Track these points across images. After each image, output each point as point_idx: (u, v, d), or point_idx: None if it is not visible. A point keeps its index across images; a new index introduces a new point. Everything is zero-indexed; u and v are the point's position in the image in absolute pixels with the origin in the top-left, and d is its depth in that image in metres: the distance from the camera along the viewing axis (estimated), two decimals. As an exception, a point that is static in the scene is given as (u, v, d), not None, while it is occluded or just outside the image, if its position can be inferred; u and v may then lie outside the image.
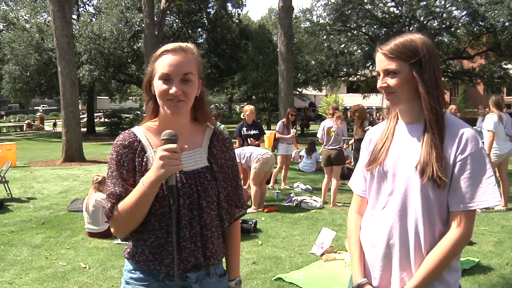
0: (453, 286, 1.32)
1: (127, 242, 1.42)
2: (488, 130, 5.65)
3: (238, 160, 6.24)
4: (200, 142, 1.41)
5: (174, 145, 1.22)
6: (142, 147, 1.35)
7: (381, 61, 1.35)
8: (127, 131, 1.40)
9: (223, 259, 1.49)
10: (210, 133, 1.45)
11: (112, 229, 1.38)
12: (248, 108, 7.00)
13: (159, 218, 1.32)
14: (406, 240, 1.32)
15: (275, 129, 7.95)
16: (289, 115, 7.73)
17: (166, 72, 1.30)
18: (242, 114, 7.15)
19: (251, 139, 6.71)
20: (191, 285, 1.35)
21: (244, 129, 6.81)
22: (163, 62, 1.32)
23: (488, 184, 1.26)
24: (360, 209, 1.50)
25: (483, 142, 6.82)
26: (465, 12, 23.09)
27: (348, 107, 31.19)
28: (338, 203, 6.38)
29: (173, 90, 1.29)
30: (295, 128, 7.81)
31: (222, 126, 9.89)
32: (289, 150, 7.86)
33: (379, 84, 1.36)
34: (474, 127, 8.48)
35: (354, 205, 1.53)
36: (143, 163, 1.33)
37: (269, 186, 7.51)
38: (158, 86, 1.32)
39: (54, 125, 36.09)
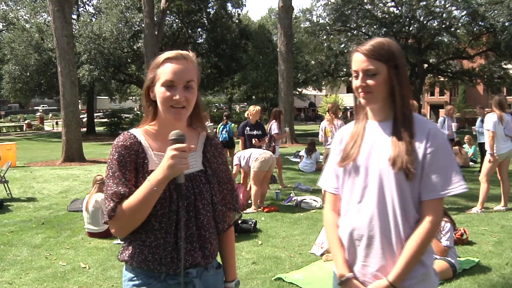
0: (430, 267, 1.44)
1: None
2: (487, 130, 5.64)
3: (237, 162, 6.26)
4: (195, 147, 1.45)
5: (183, 145, 1.28)
6: (143, 149, 1.37)
7: (361, 61, 1.40)
8: (126, 132, 1.40)
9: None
10: (203, 138, 1.51)
11: (112, 230, 1.37)
12: (254, 108, 6.99)
13: (159, 219, 1.35)
14: (386, 230, 1.40)
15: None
16: (280, 115, 7.59)
17: (170, 79, 1.35)
18: (246, 113, 7.14)
19: (255, 139, 6.70)
20: (192, 281, 1.39)
21: (248, 128, 6.80)
22: (167, 69, 1.36)
23: (455, 173, 1.38)
24: (334, 206, 1.56)
25: (483, 143, 6.65)
26: (465, 12, 23.10)
27: (348, 107, 31.19)
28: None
29: (177, 97, 1.34)
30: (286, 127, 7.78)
31: (232, 125, 9.88)
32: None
33: (357, 83, 1.42)
34: (472, 127, 8.40)
35: (328, 203, 1.59)
36: (144, 165, 1.36)
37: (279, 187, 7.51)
38: (161, 92, 1.36)
39: (56, 124, 36.26)
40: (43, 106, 53.09)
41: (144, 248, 1.35)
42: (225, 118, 9.75)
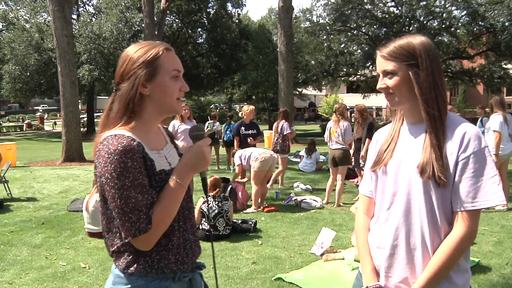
0: (459, 286, 1.31)
1: None
2: (494, 131, 5.58)
3: (239, 162, 6.26)
4: (165, 138, 1.43)
5: (209, 139, 1.32)
6: (143, 148, 1.26)
7: (380, 63, 1.37)
8: (121, 135, 1.23)
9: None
10: (163, 129, 1.46)
11: (143, 244, 1.21)
12: (248, 108, 6.99)
13: (177, 218, 1.30)
14: (411, 240, 1.32)
15: (276, 132, 7.68)
16: (288, 115, 7.64)
17: (179, 69, 1.31)
18: (240, 113, 7.15)
19: (251, 138, 6.72)
20: (200, 273, 1.43)
21: (243, 128, 6.80)
22: (171, 60, 1.30)
23: (492, 183, 1.26)
24: (367, 210, 1.50)
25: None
26: (465, 12, 23.10)
27: (348, 107, 31.16)
28: (343, 203, 6.39)
29: (186, 88, 1.31)
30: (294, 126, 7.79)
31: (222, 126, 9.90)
32: None
33: (378, 85, 1.39)
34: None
35: (361, 206, 1.53)
36: (153, 167, 1.26)
37: (268, 185, 7.50)
38: (169, 84, 1.28)
39: (55, 123, 36.24)
40: (43, 106, 53.10)
41: (167, 253, 1.27)
42: (228, 118, 9.87)
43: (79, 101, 15.94)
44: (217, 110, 36.92)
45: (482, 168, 1.26)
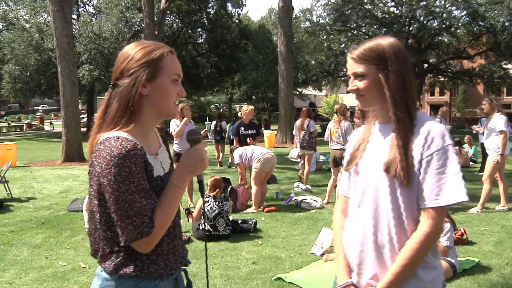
0: (428, 284, 1.32)
1: None
2: (501, 131, 5.51)
3: (239, 160, 6.26)
4: (159, 141, 1.42)
5: (206, 144, 1.34)
6: (145, 153, 1.24)
7: (351, 65, 1.39)
8: (125, 139, 1.21)
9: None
10: (156, 131, 1.44)
11: (145, 247, 1.22)
12: (247, 108, 6.99)
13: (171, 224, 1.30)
14: (379, 238, 1.34)
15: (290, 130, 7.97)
16: (311, 113, 7.84)
17: (179, 73, 1.31)
18: (240, 113, 7.16)
19: (250, 138, 6.72)
20: (185, 270, 1.44)
21: (242, 128, 6.80)
22: (174, 63, 1.30)
23: (455, 180, 1.26)
24: (344, 209, 1.53)
25: (482, 143, 6.54)
26: (465, 12, 23.11)
27: (349, 107, 31.17)
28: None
29: (184, 93, 1.32)
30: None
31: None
32: None
33: (349, 87, 1.42)
34: (472, 126, 8.29)
35: (339, 205, 1.57)
36: (151, 171, 1.26)
37: (304, 187, 7.53)
38: (169, 87, 1.28)
39: (50, 124, 36.21)
40: (43, 106, 53.07)
41: (157, 258, 1.27)
42: (234, 118, 9.92)
43: (79, 101, 15.94)
44: (221, 110, 36.98)
45: (446, 165, 1.27)
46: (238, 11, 29.79)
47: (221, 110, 31.82)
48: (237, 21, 29.56)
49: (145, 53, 1.26)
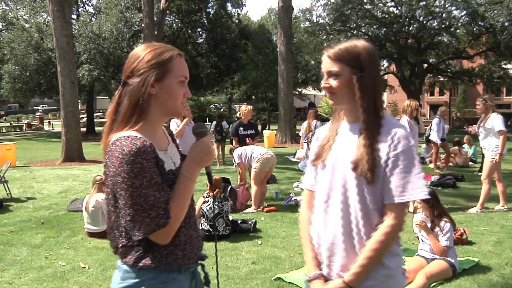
0: (394, 269, 1.43)
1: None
2: (500, 131, 5.48)
3: (239, 160, 6.26)
4: (167, 138, 1.48)
5: (212, 136, 1.36)
6: (155, 149, 1.31)
7: (326, 63, 1.45)
8: (134, 137, 1.28)
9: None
10: (164, 129, 1.51)
11: (163, 238, 1.28)
12: (246, 108, 6.98)
13: (186, 215, 1.37)
14: (348, 231, 1.42)
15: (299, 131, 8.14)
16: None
17: (186, 75, 1.38)
18: (238, 113, 7.15)
19: (249, 138, 6.72)
20: (202, 264, 1.50)
21: (241, 128, 6.79)
22: (182, 65, 1.37)
23: (418, 179, 1.36)
24: (309, 203, 1.59)
25: (475, 145, 6.50)
26: (464, 12, 23.09)
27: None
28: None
29: (189, 94, 1.39)
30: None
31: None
32: None
33: (322, 84, 1.47)
34: (470, 126, 8.31)
35: (304, 199, 1.63)
36: (163, 166, 1.32)
37: None
38: (176, 88, 1.35)
39: (49, 123, 36.17)
40: (43, 106, 53.04)
41: (174, 248, 1.33)
42: (236, 118, 9.96)
43: (79, 101, 15.93)
44: (222, 110, 36.93)
45: (410, 165, 1.37)
46: (237, 11, 29.77)
47: (221, 110, 31.81)
48: (236, 21, 29.52)
49: (155, 54, 1.33)
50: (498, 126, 5.50)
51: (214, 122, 11.38)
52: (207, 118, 11.00)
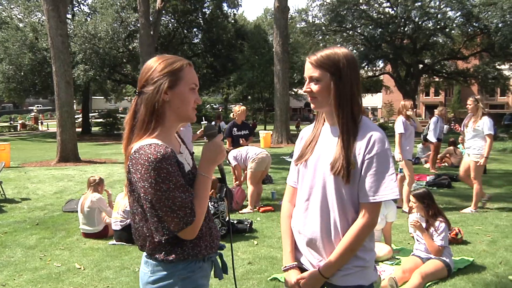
0: (368, 262, 1.55)
1: (123, 243, 1.50)
2: (489, 134, 5.50)
3: (235, 162, 6.25)
4: (179, 142, 1.61)
5: (222, 136, 1.54)
6: (175, 153, 1.43)
7: (308, 69, 1.55)
8: (156, 144, 1.39)
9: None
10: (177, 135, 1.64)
11: (190, 234, 1.42)
12: (239, 108, 6.96)
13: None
14: (327, 227, 1.54)
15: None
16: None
17: (196, 83, 1.50)
18: (232, 114, 7.12)
19: (243, 139, 6.71)
20: (220, 254, 1.68)
21: (235, 129, 6.78)
22: (192, 73, 1.50)
23: (390, 180, 1.47)
24: (291, 198, 1.70)
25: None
26: (459, 13, 23.23)
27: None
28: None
29: (199, 100, 1.51)
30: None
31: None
32: None
33: (304, 88, 1.57)
34: (456, 125, 8.30)
35: (287, 194, 1.73)
36: (183, 168, 1.45)
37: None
38: (188, 95, 1.48)
39: (41, 123, 35.93)
40: (37, 106, 52.70)
41: (198, 241, 1.47)
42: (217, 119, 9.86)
43: (74, 101, 15.85)
44: (220, 110, 36.91)
45: (383, 167, 1.47)
46: (233, 11, 29.80)
47: (220, 110, 31.76)
48: (232, 21, 29.53)
49: (166, 64, 1.46)
50: (487, 129, 5.53)
51: (213, 123, 11.39)
52: (203, 118, 10.99)
